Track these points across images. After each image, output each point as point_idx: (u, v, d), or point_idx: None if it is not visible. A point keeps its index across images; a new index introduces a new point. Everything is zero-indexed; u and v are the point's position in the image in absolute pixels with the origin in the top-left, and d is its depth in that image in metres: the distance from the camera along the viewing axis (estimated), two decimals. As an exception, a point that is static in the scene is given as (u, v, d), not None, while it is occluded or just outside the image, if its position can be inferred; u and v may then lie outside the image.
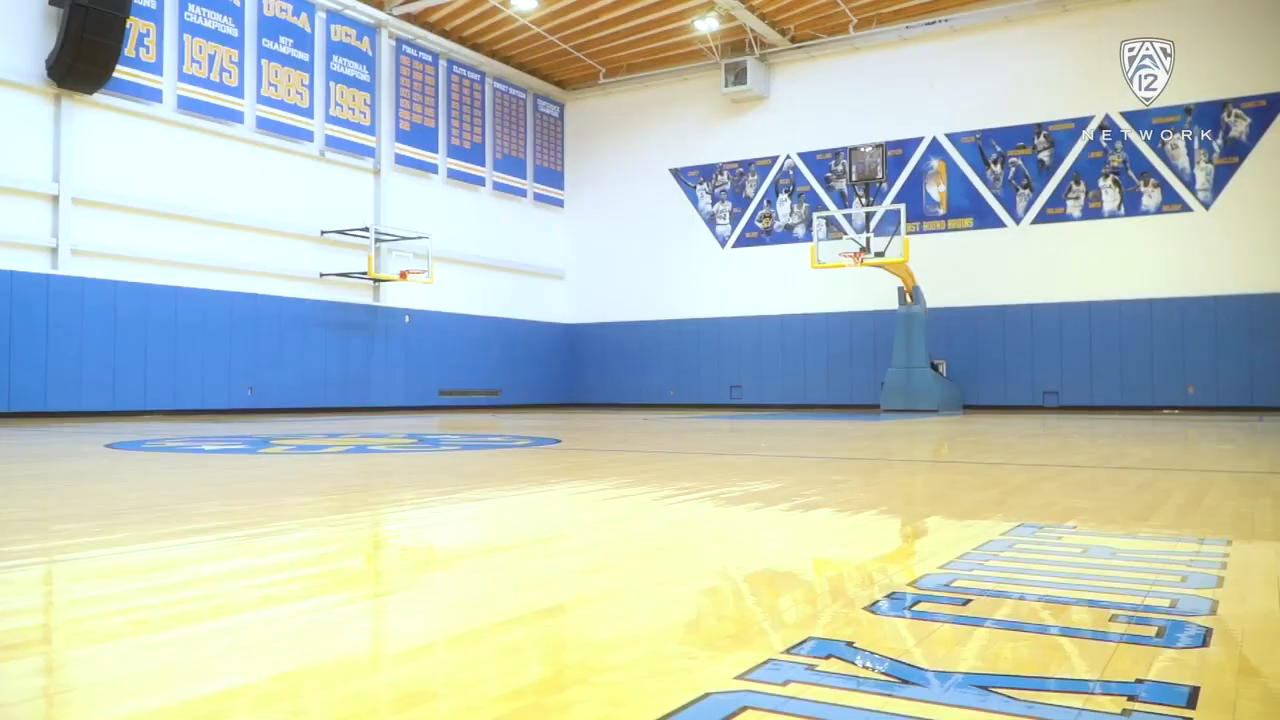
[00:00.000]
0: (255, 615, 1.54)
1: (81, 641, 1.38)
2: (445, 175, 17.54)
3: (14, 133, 11.74)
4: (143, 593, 1.74)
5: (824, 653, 1.31)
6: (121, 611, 1.57)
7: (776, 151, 17.80)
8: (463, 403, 17.30)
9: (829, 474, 4.20)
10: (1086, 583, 1.83)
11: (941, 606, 1.60)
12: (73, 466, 4.54)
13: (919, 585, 1.78)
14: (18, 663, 1.24)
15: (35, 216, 12.00)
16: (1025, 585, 1.79)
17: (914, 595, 1.69)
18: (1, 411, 11.32)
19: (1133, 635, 1.43)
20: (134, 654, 1.33)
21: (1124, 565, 2.01)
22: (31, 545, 2.23)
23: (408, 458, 5.13)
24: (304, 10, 15.14)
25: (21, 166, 11.80)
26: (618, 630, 1.47)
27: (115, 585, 1.80)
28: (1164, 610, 1.59)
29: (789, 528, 2.60)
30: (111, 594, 1.71)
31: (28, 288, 11.60)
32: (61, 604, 1.65)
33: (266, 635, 1.42)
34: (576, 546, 2.28)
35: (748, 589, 1.79)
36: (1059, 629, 1.47)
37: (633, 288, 19.14)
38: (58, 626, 1.48)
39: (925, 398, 14.47)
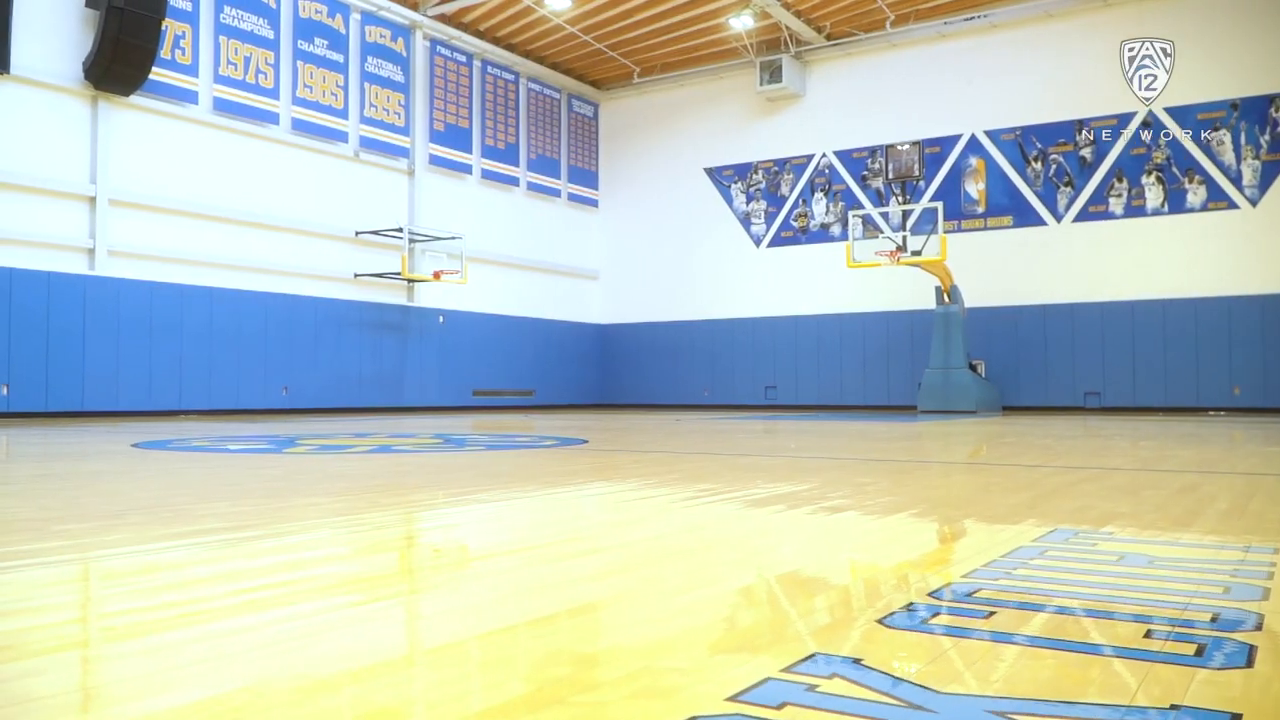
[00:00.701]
0: (225, 624, 1.46)
1: (31, 653, 1.30)
2: (479, 176, 17.55)
3: (52, 135, 11.87)
4: (116, 598, 1.67)
5: (827, 671, 1.21)
6: (84, 620, 1.49)
7: (812, 150, 17.62)
8: (496, 403, 17.29)
9: (858, 476, 4.08)
10: (1121, 594, 1.70)
11: (962, 620, 1.49)
12: (93, 466, 4.52)
13: (940, 596, 1.66)
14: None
15: (73, 218, 12.12)
16: (1055, 596, 1.67)
17: (933, 607, 1.58)
18: (40, 411, 11.44)
19: (1169, 653, 1.30)
20: (90, 665, 1.25)
21: (1162, 575, 1.88)
22: (24, 547, 2.17)
23: (430, 458, 5.06)
24: (339, 12, 15.20)
25: (59, 168, 11.92)
26: (610, 643, 1.37)
27: (92, 590, 1.73)
28: (1204, 625, 1.47)
29: (810, 532, 2.49)
30: (81, 600, 1.64)
31: (65, 289, 11.72)
32: (23, 610, 1.57)
33: (233, 646, 1.34)
34: (582, 551, 2.19)
35: (756, 598, 1.69)
36: (1089, 646, 1.34)
37: (667, 288, 19.04)
38: (7, 635, 1.40)
39: (963, 399, 14.23)
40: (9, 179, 11.38)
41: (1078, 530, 2.43)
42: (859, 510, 2.91)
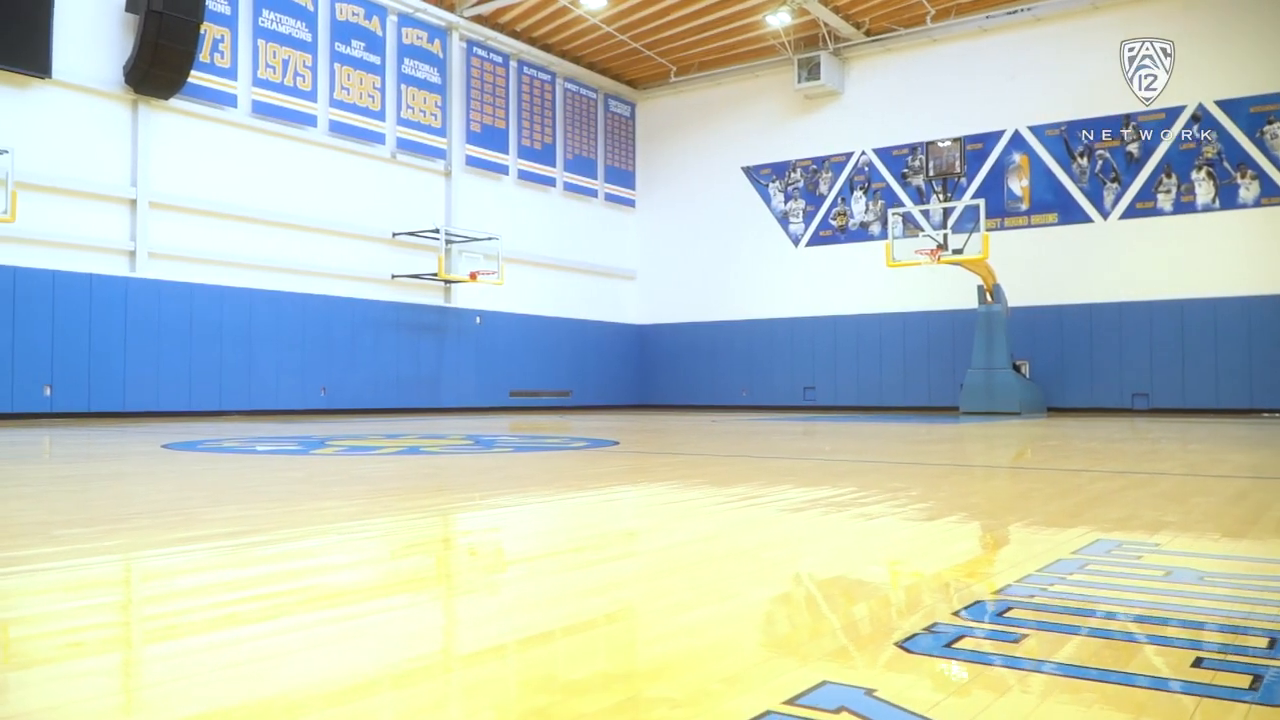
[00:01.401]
0: (193, 641, 1.37)
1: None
2: (516, 176, 17.52)
3: (93, 138, 11.99)
4: (96, 610, 1.59)
5: (834, 704, 1.09)
6: (58, 633, 1.41)
7: (851, 148, 17.40)
8: (533, 404, 17.25)
9: (893, 480, 3.94)
10: (1167, 614, 1.56)
11: (990, 644, 1.36)
12: (116, 467, 4.49)
13: (968, 615, 1.53)
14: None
15: (114, 220, 12.24)
16: (1094, 617, 1.53)
17: (959, 628, 1.45)
18: (82, 412, 11.56)
19: (1221, 686, 1.17)
20: (52, 684, 1.17)
21: (1214, 592, 1.74)
22: (17, 552, 2.11)
23: (456, 460, 4.98)
24: (376, 14, 15.24)
25: (101, 171, 12.04)
26: (598, 668, 1.26)
27: (73, 600, 1.65)
28: (1260, 652, 1.33)
29: (836, 541, 2.36)
30: (59, 611, 1.56)
31: (107, 290, 11.84)
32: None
33: (196, 665, 1.25)
34: (591, 561, 2.08)
35: (767, 616, 1.57)
36: (1129, 677, 1.21)
37: (705, 288, 18.90)
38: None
39: (1006, 400, 13.95)
40: (51, 182, 11.51)
41: (1121, 541, 2.28)
42: (890, 517, 2.78)
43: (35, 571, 1.89)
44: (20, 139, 11.04)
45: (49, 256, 11.48)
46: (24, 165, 11.00)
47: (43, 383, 11.24)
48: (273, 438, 7.19)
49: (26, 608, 1.62)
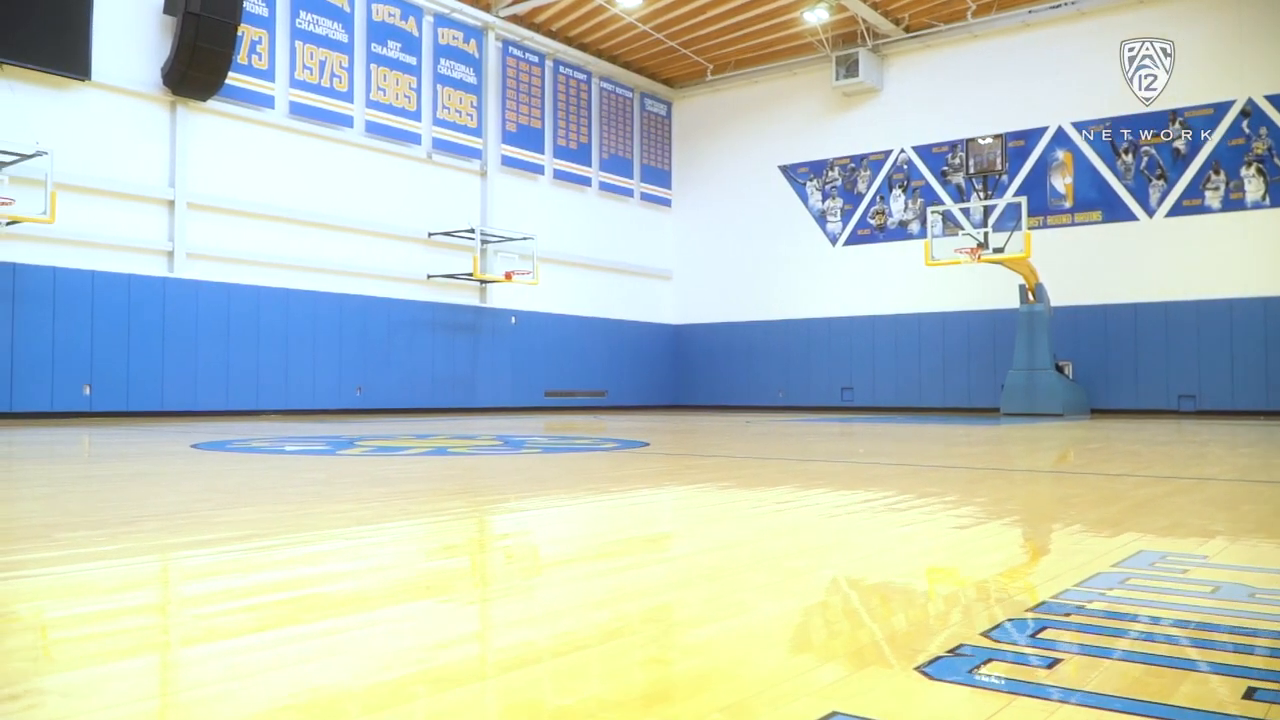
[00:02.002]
0: (168, 657, 1.29)
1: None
2: (551, 176, 17.49)
3: (133, 140, 12.10)
4: (75, 621, 1.52)
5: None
6: (16, 651, 1.34)
7: (890, 145, 17.17)
8: (568, 404, 17.21)
9: (928, 484, 3.81)
10: (1215, 636, 1.44)
11: (1018, 669, 1.25)
12: (139, 468, 4.47)
13: (996, 636, 1.42)
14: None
15: (152, 221, 12.34)
16: (1134, 640, 1.42)
17: (986, 651, 1.34)
18: (121, 411, 11.67)
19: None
20: (4, 704, 1.09)
21: (1267, 611, 1.61)
22: (13, 557, 2.05)
23: (482, 461, 4.92)
24: (412, 14, 15.27)
25: (139, 173, 12.15)
26: (585, 693, 1.16)
27: (48, 610, 1.59)
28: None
29: (861, 549, 2.25)
30: (29, 624, 1.49)
31: (145, 291, 11.94)
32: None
33: (161, 684, 1.17)
34: (600, 571, 1.98)
35: (780, 633, 1.47)
36: (1174, 711, 1.10)
37: (741, 287, 18.76)
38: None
39: (1048, 401, 13.68)
40: (90, 183, 11.63)
41: (1166, 553, 2.15)
42: (923, 524, 2.66)
43: (18, 578, 1.83)
44: (60, 141, 11.16)
45: (88, 257, 11.60)
46: (63, 167, 11.12)
47: (82, 382, 11.35)
48: (303, 438, 7.18)
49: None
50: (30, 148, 10.38)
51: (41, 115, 11.15)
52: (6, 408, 10.72)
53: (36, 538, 2.32)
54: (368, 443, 6.43)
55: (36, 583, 1.79)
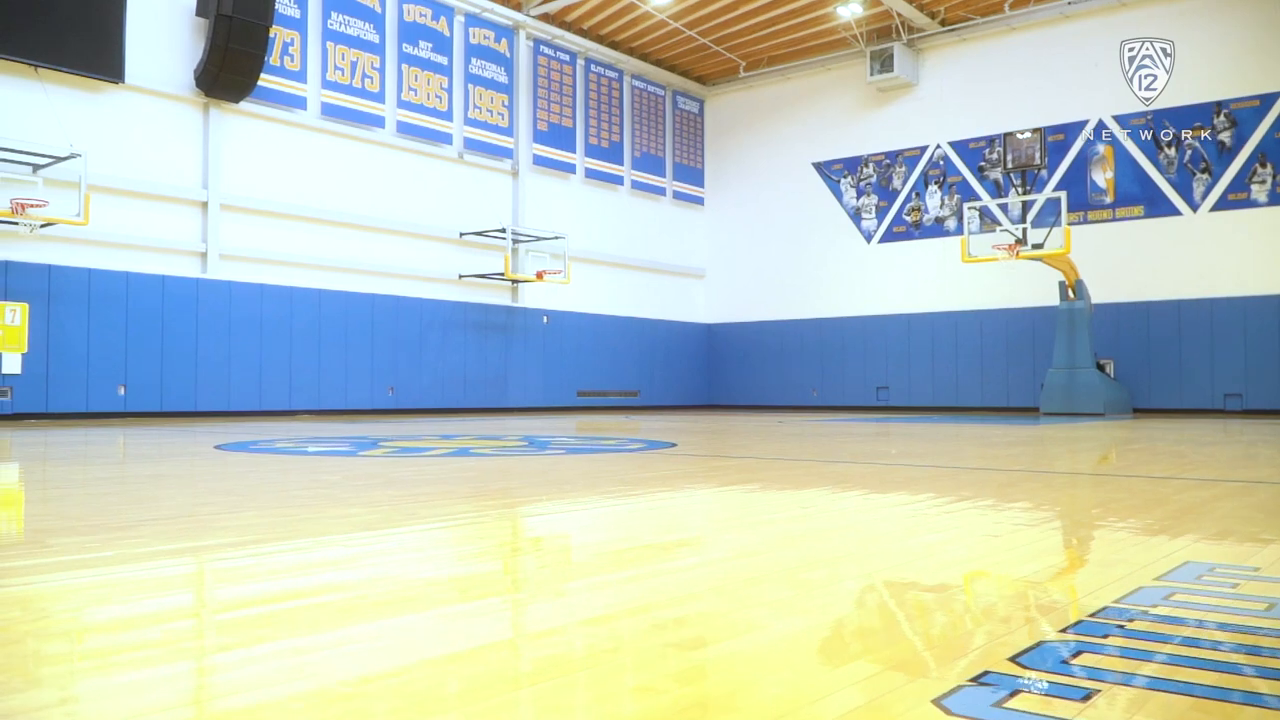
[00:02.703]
0: (117, 680, 1.19)
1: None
2: (583, 175, 17.41)
3: (166, 142, 12.17)
4: (31, 635, 1.43)
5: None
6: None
7: (925, 141, 16.91)
8: (600, 404, 17.12)
9: (961, 487, 3.66)
10: (1269, 662, 1.30)
11: (1049, 702, 1.12)
12: (155, 469, 4.42)
13: (1027, 661, 1.29)
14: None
15: (186, 223, 12.40)
16: (1180, 667, 1.28)
17: (1015, 680, 1.21)
18: (155, 411, 11.73)
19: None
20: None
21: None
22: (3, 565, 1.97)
23: (503, 463, 4.82)
24: (443, 14, 15.24)
25: (173, 174, 12.21)
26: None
27: (12, 625, 1.50)
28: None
29: (884, 559, 2.12)
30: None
31: (179, 291, 12.00)
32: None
33: (107, 708, 1.07)
34: (594, 586, 1.86)
35: (788, 657, 1.34)
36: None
37: (775, 286, 18.58)
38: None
39: (1089, 400, 13.39)
40: (125, 185, 11.70)
41: (1213, 565, 2.00)
42: (953, 531, 2.52)
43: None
44: (94, 143, 11.23)
45: (123, 258, 11.67)
46: (97, 169, 11.19)
47: (117, 382, 11.42)
48: (329, 438, 7.13)
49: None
50: (65, 150, 10.45)
51: (76, 118, 11.23)
52: (43, 408, 10.80)
53: (28, 544, 2.25)
54: (392, 443, 6.37)
55: (9, 593, 1.70)
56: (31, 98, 10.92)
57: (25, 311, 10.65)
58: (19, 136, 10.50)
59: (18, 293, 10.63)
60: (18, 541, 2.29)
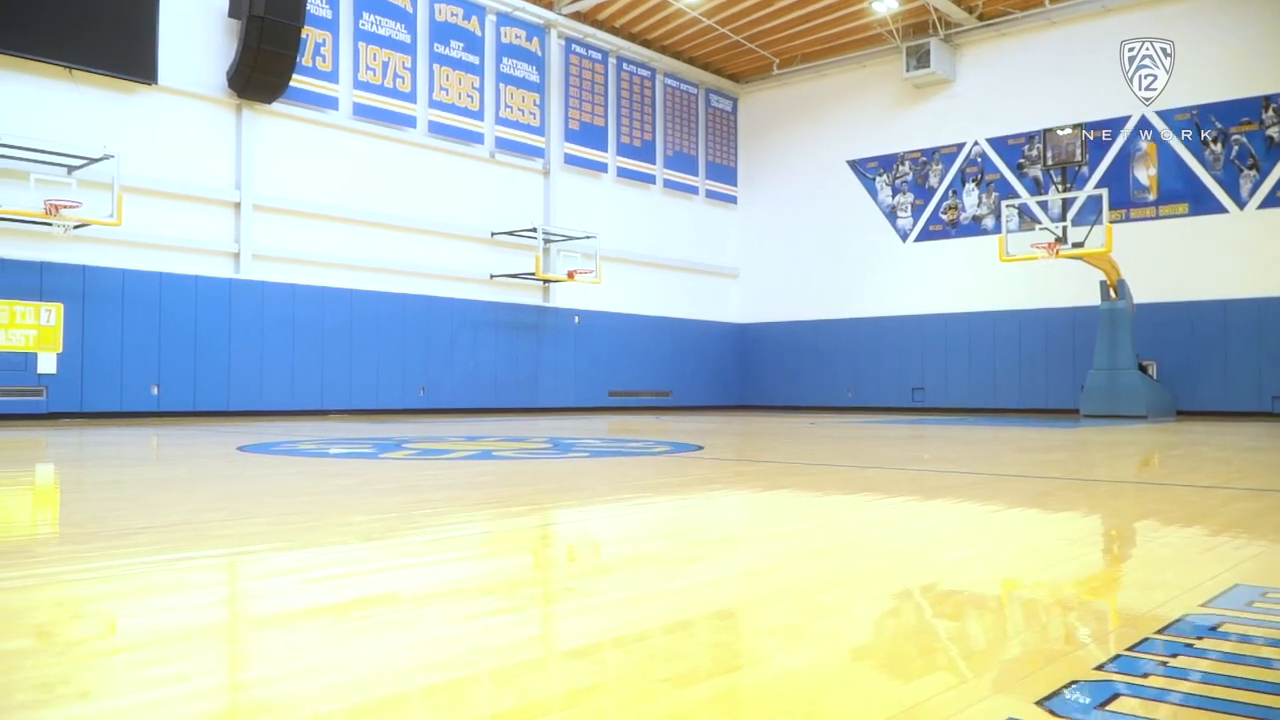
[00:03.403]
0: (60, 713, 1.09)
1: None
2: (615, 174, 17.32)
3: (199, 143, 12.22)
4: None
5: None
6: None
7: (963, 138, 16.64)
8: (632, 404, 17.02)
9: (995, 495, 3.50)
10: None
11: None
12: (172, 472, 4.36)
13: (1054, 707, 1.16)
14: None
15: (218, 223, 12.45)
16: (1231, 716, 1.14)
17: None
18: (188, 411, 11.78)
19: None
20: None
21: (1396, 673, 1.31)
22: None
23: (522, 466, 4.72)
24: (474, 14, 15.21)
25: (206, 175, 12.26)
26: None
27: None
28: None
29: (902, 580, 1.99)
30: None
31: (212, 292, 12.04)
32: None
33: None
34: (583, 609, 1.75)
35: (783, 698, 1.22)
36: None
37: (809, 285, 18.38)
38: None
39: (1131, 402, 13.08)
40: (158, 186, 11.76)
41: (1266, 590, 1.84)
42: (980, 547, 2.38)
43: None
44: (127, 144, 11.29)
45: (156, 259, 11.73)
46: (130, 169, 11.25)
47: (150, 382, 11.48)
48: (354, 439, 7.08)
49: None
50: (98, 151, 10.51)
51: (109, 119, 11.30)
52: (77, 407, 10.88)
53: (15, 552, 2.17)
54: (415, 445, 6.30)
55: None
56: (66, 100, 11.00)
57: (60, 312, 10.73)
58: (54, 138, 10.58)
59: (53, 293, 10.72)
60: (6, 550, 2.21)
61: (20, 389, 10.45)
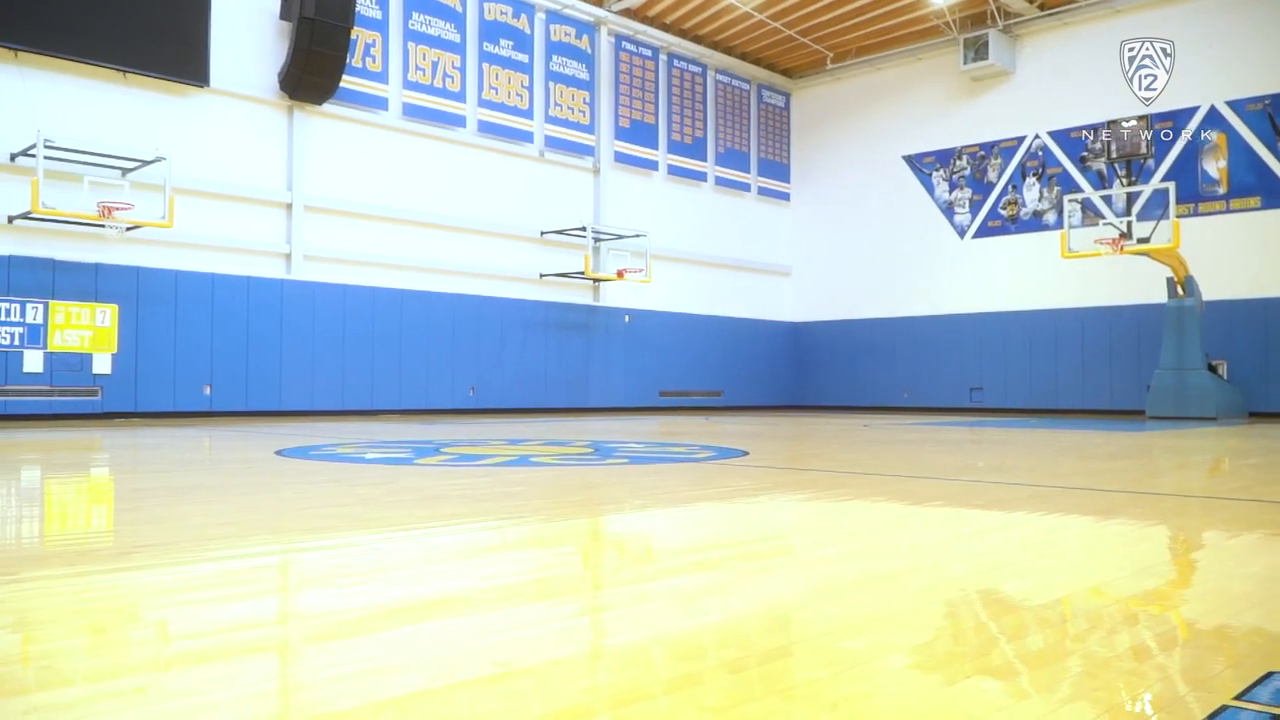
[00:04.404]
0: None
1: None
2: (665, 172, 17.16)
3: (250, 145, 12.30)
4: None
5: None
6: None
7: (1023, 131, 16.20)
8: (683, 404, 16.84)
9: (1050, 510, 3.28)
10: None
11: None
12: (196, 479, 4.29)
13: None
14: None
15: (270, 224, 12.52)
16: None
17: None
18: (240, 411, 11.86)
19: None
20: None
21: None
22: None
23: (556, 474, 4.58)
24: (524, 12, 15.14)
25: (258, 177, 12.34)
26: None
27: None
28: None
29: (930, 620, 1.80)
30: None
31: (263, 293, 12.11)
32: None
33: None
34: (553, 678, 1.58)
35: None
36: None
37: (864, 283, 18.05)
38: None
39: (1200, 404, 12.61)
40: (211, 188, 11.85)
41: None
42: (1025, 579, 2.18)
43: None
44: (180, 146, 11.39)
45: (209, 259, 11.82)
46: (184, 172, 11.35)
47: (203, 382, 11.57)
48: (395, 442, 7.01)
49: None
50: (151, 153, 10.60)
51: (161, 121, 11.40)
52: (131, 407, 11.00)
53: (2, 571, 2.07)
54: (454, 449, 6.20)
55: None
56: (119, 103, 11.12)
57: (115, 313, 10.85)
58: (107, 141, 10.69)
59: (108, 294, 10.84)
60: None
61: (76, 389, 10.58)
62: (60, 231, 10.68)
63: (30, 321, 10.22)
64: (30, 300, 10.24)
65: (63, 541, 2.60)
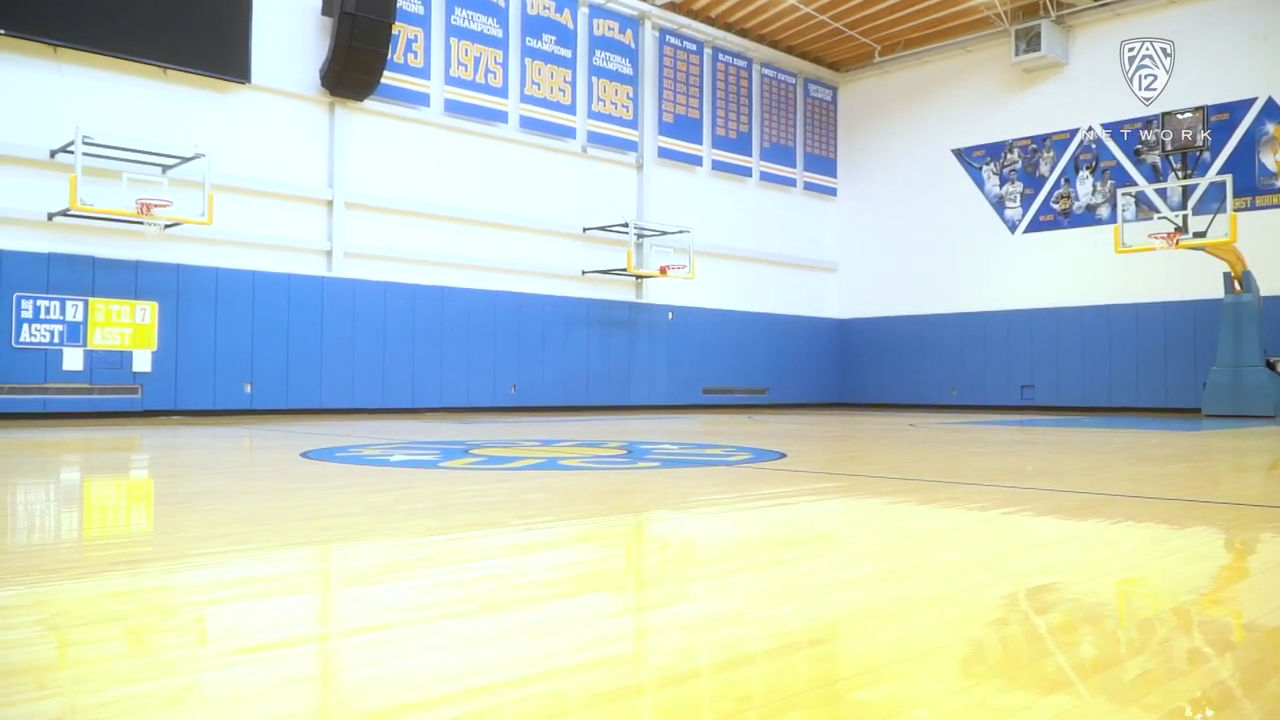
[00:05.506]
0: None
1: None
2: (709, 167, 16.97)
3: (291, 141, 12.31)
4: None
5: None
6: None
7: (1076, 124, 15.79)
8: (727, 402, 16.65)
9: (1102, 522, 3.07)
10: None
11: None
12: (208, 484, 4.21)
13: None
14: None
15: (311, 221, 12.54)
16: None
17: None
18: (280, 409, 11.88)
19: None
20: None
21: None
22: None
23: (582, 479, 4.44)
24: (566, 7, 15.04)
25: (299, 174, 12.36)
26: None
27: None
28: None
29: (946, 680, 1.63)
30: None
31: (304, 290, 12.13)
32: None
33: None
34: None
35: None
36: None
37: (912, 279, 17.73)
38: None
39: (1259, 402, 12.19)
40: (252, 185, 11.88)
41: None
42: (1061, 608, 2.00)
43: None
44: (219, 143, 11.42)
45: (249, 257, 11.86)
46: (224, 168, 11.38)
47: (243, 380, 11.61)
48: (425, 443, 6.92)
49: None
50: (190, 150, 10.63)
51: (202, 118, 11.45)
52: (172, 405, 11.06)
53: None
54: (483, 450, 6.09)
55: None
56: (159, 99, 11.18)
57: (155, 310, 10.91)
58: (147, 137, 10.75)
59: (148, 291, 10.91)
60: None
61: (117, 387, 10.65)
62: (100, 229, 10.76)
63: (70, 319, 10.30)
64: (70, 298, 10.32)
65: (47, 549, 2.51)
